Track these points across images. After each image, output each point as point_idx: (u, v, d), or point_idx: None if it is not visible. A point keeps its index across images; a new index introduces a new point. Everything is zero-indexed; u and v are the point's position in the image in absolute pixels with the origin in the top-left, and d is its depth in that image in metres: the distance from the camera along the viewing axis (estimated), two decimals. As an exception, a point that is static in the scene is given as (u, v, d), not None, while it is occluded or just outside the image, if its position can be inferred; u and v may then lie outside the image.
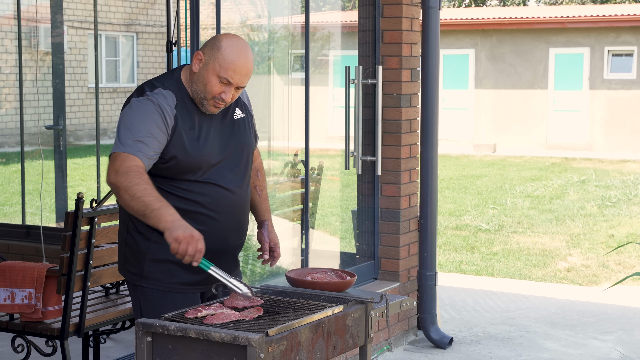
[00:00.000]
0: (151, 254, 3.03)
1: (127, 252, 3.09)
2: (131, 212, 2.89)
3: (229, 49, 2.97)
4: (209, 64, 2.98)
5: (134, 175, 2.85)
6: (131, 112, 2.97)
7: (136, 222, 3.04)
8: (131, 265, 3.08)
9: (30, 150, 10.24)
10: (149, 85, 3.03)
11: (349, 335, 2.92)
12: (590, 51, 20.04)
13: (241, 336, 2.51)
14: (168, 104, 2.98)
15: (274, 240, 3.27)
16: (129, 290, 3.15)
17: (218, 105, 3.02)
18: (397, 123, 5.71)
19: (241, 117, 3.16)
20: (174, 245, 2.77)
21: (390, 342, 5.68)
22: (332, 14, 8.23)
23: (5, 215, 10.81)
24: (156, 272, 3.04)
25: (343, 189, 6.67)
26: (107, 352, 5.03)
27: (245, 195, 3.15)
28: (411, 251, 5.86)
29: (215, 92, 2.98)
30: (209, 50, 3.00)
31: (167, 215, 2.80)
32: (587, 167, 17.07)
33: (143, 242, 3.04)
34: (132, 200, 2.83)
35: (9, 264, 4.15)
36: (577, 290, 7.63)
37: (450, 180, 14.91)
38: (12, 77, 17.88)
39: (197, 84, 3.00)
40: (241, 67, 2.98)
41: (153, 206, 2.80)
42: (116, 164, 2.88)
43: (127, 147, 2.90)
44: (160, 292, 3.04)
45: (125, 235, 3.10)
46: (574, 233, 10.34)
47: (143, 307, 3.07)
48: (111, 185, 2.89)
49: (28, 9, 8.61)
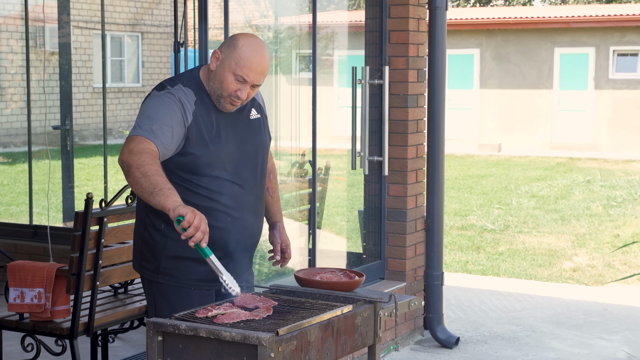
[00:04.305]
0: (168, 250, 3.07)
1: (144, 248, 3.12)
2: (137, 191, 2.86)
3: (245, 47, 3.02)
4: (225, 62, 3.03)
5: (147, 156, 2.86)
6: (152, 103, 3.02)
7: (153, 218, 3.07)
8: (147, 261, 3.11)
9: (36, 150, 10.25)
10: (170, 81, 3.09)
11: (358, 335, 2.94)
12: (596, 51, 20.03)
13: (252, 335, 2.53)
14: (188, 100, 3.03)
15: (285, 242, 3.30)
16: (144, 287, 3.18)
17: (234, 103, 3.06)
18: (403, 123, 5.72)
19: (256, 118, 3.21)
20: (189, 214, 2.71)
21: (397, 341, 5.69)
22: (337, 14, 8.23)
23: (12, 215, 10.84)
24: (172, 269, 3.07)
25: (349, 188, 6.68)
26: (115, 352, 5.04)
27: (260, 194, 3.19)
28: (418, 251, 5.87)
29: (231, 89, 3.03)
30: (225, 48, 3.05)
31: (174, 196, 2.78)
32: (592, 167, 17.06)
33: (160, 238, 3.07)
34: (142, 177, 2.81)
35: (19, 263, 4.17)
36: (583, 290, 7.64)
37: (456, 180, 14.91)
38: (18, 77, 17.93)
39: (214, 81, 3.05)
40: (257, 65, 3.02)
41: (162, 186, 2.79)
42: (131, 145, 2.90)
43: (145, 132, 2.93)
44: (176, 288, 3.07)
45: (142, 232, 3.13)
46: (579, 233, 10.34)
47: (158, 303, 3.10)
48: (123, 163, 2.89)
49: (34, 9, 8.64)
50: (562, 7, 25.71)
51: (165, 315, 2.97)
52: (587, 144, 20.02)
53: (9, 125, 17.78)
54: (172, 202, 2.75)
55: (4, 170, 14.94)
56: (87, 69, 19.55)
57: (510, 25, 20.56)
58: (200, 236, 2.72)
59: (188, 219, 2.71)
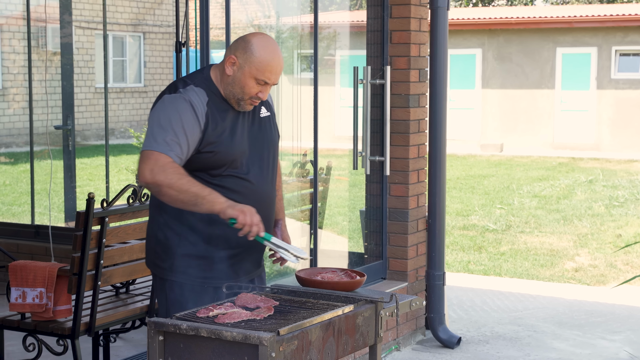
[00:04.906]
0: (182, 248, 3.11)
1: (157, 247, 3.16)
2: (179, 206, 2.98)
3: (263, 51, 3.07)
4: (244, 68, 3.07)
5: (172, 171, 2.95)
6: (164, 109, 3.05)
7: (167, 217, 3.12)
8: (161, 259, 3.16)
9: (38, 150, 10.26)
10: (181, 82, 3.12)
11: (359, 335, 2.94)
12: (598, 51, 20.01)
13: (252, 335, 2.53)
14: (200, 100, 3.06)
15: (287, 240, 3.32)
16: (155, 285, 3.22)
17: (254, 103, 3.14)
18: (405, 123, 5.72)
19: (266, 116, 3.26)
20: (240, 216, 2.89)
21: (399, 341, 5.69)
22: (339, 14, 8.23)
23: (14, 215, 10.85)
24: (186, 267, 3.12)
25: (351, 189, 6.68)
26: (116, 352, 5.05)
27: (272, 191, 3.25)
28: (419, 251, 5.87)
29: (252, 93, 3.10)
30: (242, 53, 3.08)
31: (219, 197, 2.94)
32: (594, 167, 17.05)
33: (174, 237, 3.12)
34: (180, 194, 2.93)
35: (21, 263, 4.18)
36: (585, 290, 7.63)
37: (458, 180, 14.90)
38: (20, 77, 17.94)
39: (234, 86, 3.09)
40: (276, 66, 3.09)
41: (203, 193, 2.93)
42: (150, 164, 2.96)
43: (160, 146, 2.98)
44: (190, 286, 3.12)
45: (155, 231, 3.17)
46: (581, 233, 10.33)
47: (170, 301, 3.14)
48: (149, 184, 2.97)
49: (36, 9, 8.64)
50: (564, 7, 25.70)
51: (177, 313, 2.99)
52: (589, 144, 20.00)
53: (11, 125, 17.79)
54: (219, 206, 2.92)
55: (6, 170, 14.95)
56: (89, 69, 19.56)
57: (512, 25, 20.54)
58: (256, 230, 2.92)
59: (241, 220, 2.89)
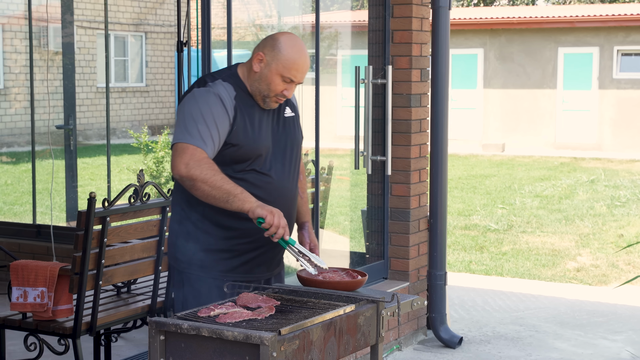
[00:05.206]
0: (201, 243, 3.17)
1: (178, 240, 3.23)
2: (210, 201, 3.04)
3: (290, 49, 3.14)
4: (271, 65, 3.14)
5: (207, 166, 3.03)
6: (195, 102, 3.12)
7: (189, 212, 3.19)
8: (181, 253, 3.22)
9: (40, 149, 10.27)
10: (209, 77, 3.20)
11: (361, 335, 2.93)
12: (600, 51, 19.99)
13: (254, 335, 2.53)
14: (228, 94, 3.14)
15: (314, 242, 3.39)
16: (172, 278, 3.28)
17: (279, 100, 3.21)
18: (407, 123, 5.71)
19: (291, 116, 3.33)
20: (269, 217, 2.96)
21: (400, 341, 5.68)
22: (340, 14, 8.23)
23: (15, 214, 10.85)
24: (205, 260, 3.17)
25: (352, 188, 6.68)
26: (118, 351, 5.05)
27: (294, 189, 3.31)
28: (421, 251, 5.87)
29: (278, 90, 3.17)
30: (269, 51, 3.15)
31: (250, 197, 3.01)
32: (596, 167, 17.04)
33: (194, 231, 3.18)
34: (213, 190, 3.01)
35: (22, 263, 4.18)
36: (587, 290, 7.63)
37: (459, 180, 14.89)
38: (21, 76, 17.95)
39: (260, 82, 3.17)
40: (302, 65, 3.16)
41: (235, 192, 3.01)
42: (186, 157, 3.04)
43: (194, 139, 3.06)
44: (206, 280, 3.17)
45: (177, 225, 3.24)
46: (583, 233, 10.33)
47: (186, 294, 3.19)
48: (184, 177, 3.04)
49: (38, 9, 8.64)
50: (566, 6, 25.68)
51: (193, 306, 3.04)
52: (591, 144, 19.98)
53: (12, 125, 17.80)
54: (249, 205, 2.99)
55: (8, 170, 14.96)
56: (91, 69, 19.57)
57: (514, 25, 20.53)
58: (282, 232, 2.99)
59: (268, 221, 2.96)
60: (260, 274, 3.23)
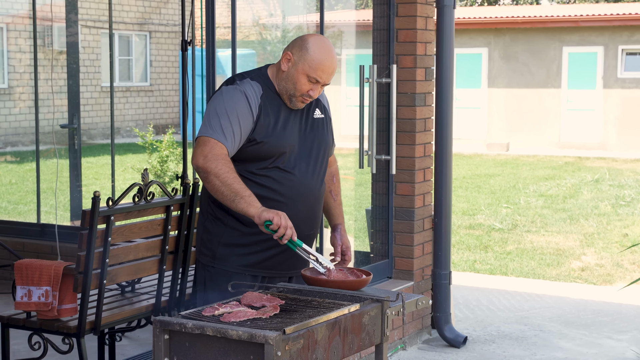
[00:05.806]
0: (225, 237, 3.26)
1: (204, 236, 3.33)
2: (218, 197, 3.12)
3: (318, 50, 3.20)
4: (298, 65, 3.20)
5: (223, 163, 3.10)
6: (221, 99, 3.21)
7: (214, 208, 3.28)
8: (206, 247, 3.32)
9: (44, 149, 10.29)
10: (239, 76, 3.29)
11: (365, 334, 2.93)
12: (604, 50, 19.97)
13: (258, 334, 2.52)
14: (255, 93, 3.21)
15: (346, 244, 3.44)
16: (197, 272, 3.38)
17: (305, 101, 3.26)
18: (411, 122, 5.71)
19: (320, 117, 3.39)
20: (275, 218, 2.99)
21: (405, 340, 5.68)
22: (344, 13, 8.23)
23: (20, 213, 10.86)
24: (228, 255, 3.26)
25: (357, 187, 6.67)
26: (122, 350, 5.05)
27: (319, 188, 3.35)
28: (425, 250, 5.86)
29: (304, 90, 3.22)
30: (297, 51, 3.22)
31: (256, 202, 3.06)
32: (600, 166, 17.02)
33: (219, 226, 3.28)
34: (222, 186, 3.08)
35: (26, 262, 4.18)
36: (592, 290, 7.61)
37: (464, 180, 14.88)
38: (26, 76, 17.98)
39: (287, 82, 3.23)
40: (328, 66, 3.21)
41: (243, 193, 3.06)
42: (205, 150, 3.13)
43: (216, 133, 3.14)
44: (228, 274, 3.24)
45: (203, 221, 3.34)
46: (587, 232, 10.31)
47: (208, 288, 3.29)
48: (200, 168, 3.13)
49: (42, 8, 8.65)
50: (570, 6, 25.65)
51: (214, 300, 3.09)
52: (595, 143, 19.96)
53: (17, 124, 17.83)
54: (254, 209, 3.03)
55: (12, 169, 14.99)
56: (95, 68, 19.59)
57: (519, 24, 20.51)
58: (290, 233, 3.02)
59: (276, 222, 2.99)
60: (284, 270, 3.30)
